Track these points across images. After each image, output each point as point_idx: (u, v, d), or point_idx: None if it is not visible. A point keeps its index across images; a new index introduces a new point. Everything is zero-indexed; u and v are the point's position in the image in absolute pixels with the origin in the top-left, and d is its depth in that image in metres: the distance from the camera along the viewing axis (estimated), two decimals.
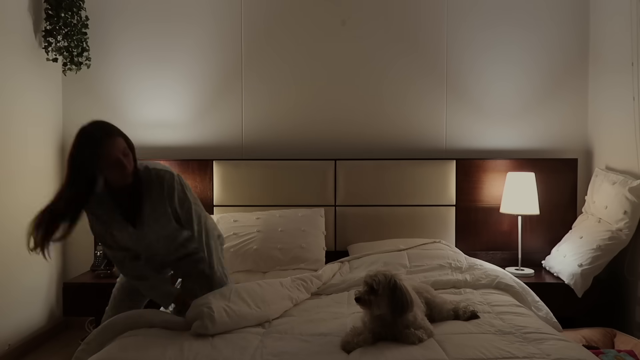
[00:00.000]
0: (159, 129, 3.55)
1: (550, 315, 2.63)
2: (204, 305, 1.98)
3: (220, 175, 3.39)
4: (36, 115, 3.27)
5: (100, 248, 3.33)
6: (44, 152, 3.36)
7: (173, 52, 3.53)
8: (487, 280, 2.64)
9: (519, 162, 3.40)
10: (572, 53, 3.50)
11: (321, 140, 3.52)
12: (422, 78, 3.52)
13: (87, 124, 2.00)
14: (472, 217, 3.41)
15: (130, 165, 1.99)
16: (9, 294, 3.00)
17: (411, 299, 1.88)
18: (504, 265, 3.27)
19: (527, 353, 1.78)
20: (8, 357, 2.94)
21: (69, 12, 3.24)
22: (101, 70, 3.53)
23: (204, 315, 1.94)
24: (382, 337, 1.88)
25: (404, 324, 1.88)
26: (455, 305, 2.18)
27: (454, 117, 3.52)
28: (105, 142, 1.92)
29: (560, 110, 3.51)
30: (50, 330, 3.34)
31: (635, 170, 2.97)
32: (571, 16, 3.49)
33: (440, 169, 3.38)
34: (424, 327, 1.92)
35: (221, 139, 3.54)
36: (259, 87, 3.54)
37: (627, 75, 3.02)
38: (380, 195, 3.38)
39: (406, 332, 1.86)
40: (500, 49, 3.50)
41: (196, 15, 3.52)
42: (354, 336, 1.86)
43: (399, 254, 2.95)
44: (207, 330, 1.92)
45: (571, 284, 2.95)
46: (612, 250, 2.90)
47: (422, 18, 3.51)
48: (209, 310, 1.95)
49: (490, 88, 3.51)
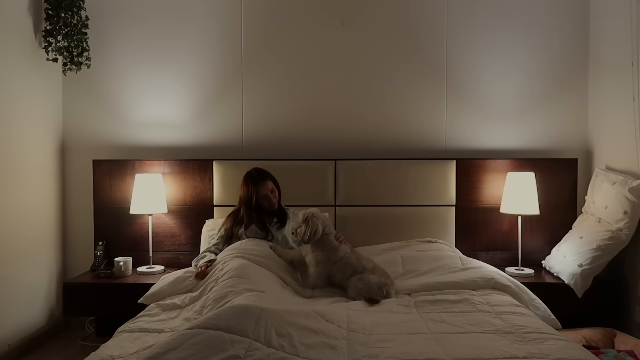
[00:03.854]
0: (159, 129, 3.55)
1: (548, 313, 2.63)
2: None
3: (220, 175, 3.39)
4: (36, 115, 3.27)
5: (100, 248, 3.33)
6: (44, 151, 3.36)
7: (173, 52, 3.53)
8: (483, 281, 2.64)
9: (519, 162, 3.40)
10: (572, 53, 3.50)
11: (321, 140, 3.53)
12: (422, 78, 3.52)
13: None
14: (472, 217, 3.41)
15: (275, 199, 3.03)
16: (10, 292, 3.00)
17: (315, 230, 2.61)
18: (504, 265, 3.28)
19: (526, 353, 1.78)
20: (8, 357, 2.94)
21: (69, 12, 3.24)
22: (101, 70, 3.53)
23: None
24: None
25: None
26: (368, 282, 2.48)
27: (454, 117, 3.52)
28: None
29: (560, 110, 3.52)
30: (50, 330, 3.34)
31: (635, 170, 2.97)
32: (571, 16, 3.49)
33: (440, 169, 3.38)
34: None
35: (221, 139, 3.55)
36: (259, 87, 3.54)
37: (627, 75, 3.02)
38: (380, 195, 3.38)
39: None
40: (500, 50, 3.50)
41: (196, 15, 3.53)
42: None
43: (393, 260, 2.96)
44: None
45: (571, 284, 2.95)
46: (612, 250, 2.90)
47: (422, 19, 3.51)
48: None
49: (490, 88, 3.51)
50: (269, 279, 2.52)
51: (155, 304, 2.50)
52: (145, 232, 3.36)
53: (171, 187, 3.41)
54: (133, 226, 3.41)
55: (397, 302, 2.40)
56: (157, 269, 3.26)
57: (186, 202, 3.42)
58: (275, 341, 1.78)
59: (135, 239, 3.42)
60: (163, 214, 3.39)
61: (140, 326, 2.21)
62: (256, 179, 2.96)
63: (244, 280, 2.38)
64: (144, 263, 3.35)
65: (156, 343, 1.85)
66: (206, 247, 3.02)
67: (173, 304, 2.47)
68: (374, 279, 2.51)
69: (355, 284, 2.52)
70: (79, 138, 3.57)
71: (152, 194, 3.25)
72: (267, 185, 2.97)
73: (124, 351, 1.94)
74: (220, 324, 1.79)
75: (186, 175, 3.42)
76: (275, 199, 3.00)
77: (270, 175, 3.03)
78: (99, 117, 3.56)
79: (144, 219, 3.37)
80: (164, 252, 3.42)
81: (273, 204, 2.99)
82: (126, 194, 3.38)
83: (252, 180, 2.96)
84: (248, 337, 1.76)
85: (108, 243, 3.39)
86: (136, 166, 3.41)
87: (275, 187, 3.03)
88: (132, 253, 3.36)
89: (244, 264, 2.55)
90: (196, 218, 3.39)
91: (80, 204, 3.56)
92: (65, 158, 3.58)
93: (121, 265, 3.18)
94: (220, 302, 2.23)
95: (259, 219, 2.97)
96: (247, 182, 2.98)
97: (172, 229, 3.42)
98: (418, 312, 2.28)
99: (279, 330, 1.85)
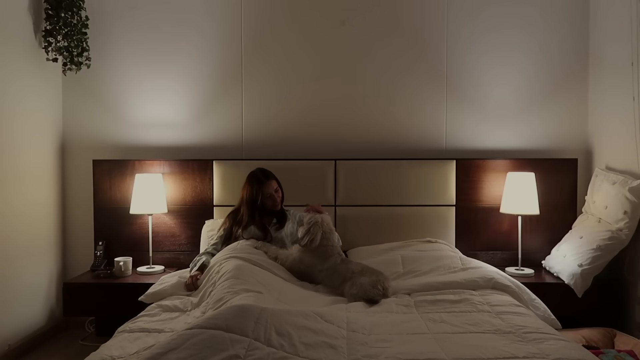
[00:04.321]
0: (159, 129, 3.55)
1: (548, 313, 2.63)
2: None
3: (220, 175, 3.39)
4: (36, 115, 3.27)
5: (100, 248, 3.33)
6: (45, 151, 3.36)
7: (173, 53, 3.53)
8: (483, 281, 2.63)
9: (519, 162, 3.40)
10: (572, 53, 3.50)
11: (321, 140, 3.53)
12: (423, 79, 3.52)
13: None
14: (472, 217, 3.41)
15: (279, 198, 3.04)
16: (11, 291, 3.00)
17: (313, 238, 2.66)
18: (504, 265, 3.28)
19: (526, 353, 1.78)
20: (8, 357, 2.94)
21: (69, 12, 3.24)
22: (101, 70, 3.53)
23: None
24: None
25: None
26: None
27: (454, 117, 3.52)
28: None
29: (560, 110, 3.52)
30: (50, 330, 3.34)
31: (635, 170, 2.97)
32: (571, 17, 3.49)
33: (440, 169, 3.38)
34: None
35: (221, 139, 3.55)
36: (258, 87, 3.54)
37: (627, 75, 3.02)
38: (380, 195, 3.38)
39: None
40: (500, 51, 3.50)
41: (196, 16, 3.53)
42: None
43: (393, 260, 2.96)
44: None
45: (571, 284, 2.95)
46: (612, 250, 2.90)
47: (423, 20, 3.52)
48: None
49: (491, 89, 3.51)
50: (265, 278, 2.51)
51: (156, 304, 2.50)
52: (145, 232, 3.36)
53: (171, 187, 3.41)
54: (133, 226, 3.41)
55: (397, 302, 2.40)
56: (157, 269, 3.26)
57: (186, 202, 3.42)
58: (275, 341, 1.78)
59: (135, 239, 3.42)
60: (163, 214, 3.39)
61: (140, 326, 2.21)
62: (261, 179, 2.97)
63: (241, 281, 2.37)
64: (144, 263, 3.35)
65: (156, 343, 1.85)
66: (204, 249, 3.02)
67: (174, 306, 2.46)
68: (365, 280, 2.48)
69: (349, 292, 2.49)
70: (79, 138, 3.57)
71: (152, 194, 3.25)
72: (271, 184, 2.98)
73: (124, 351, 1.93)
74: (220, 323, 1.79)
75: (186, 175, 3.42)
76: (279, 198, 3.02)
77: (274, 175, 3.05)
78: (99, 117, 3.56)
79: (144, 219, 3.37)
80: (164, 252, 3.42)
81: (277, 203, 3.01)
82: (126, 194, 3.38)
83: (257, 180, 2.97)
84: (248, 336, 1.76)
85: (108, 243, 3.39)
86: (136, 166, 3.41)
87: (279, 187, 3.04)
88: (132, 253, 3.36)
89: (239, 264, 2.54)
90: (196, 218, 3.39)
91: (80, 203, 3.56)
92: (66, 158, 3.58)
93: (121, 265, 3.18)
94: (219, 304, 2.23)
95: (260, 220, 2.97)
96: (251, 182, 2.99)
97: (172, 229, 3.42)
98: (418, 312, 2.28)
99: (279, 329, 1.84)
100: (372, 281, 2.47)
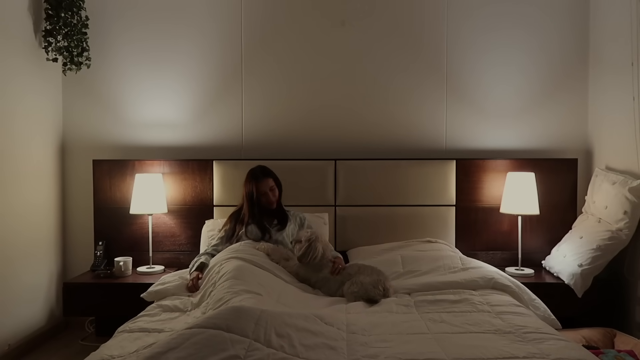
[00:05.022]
0: (159, 129, 3.55)
1: (548, 313, 2.63)
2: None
3: (220, 175, 3.39)
4: (36, 115, 3.27)
5: (100, 248, 3.33)
6: (45, 151, 3.36)
7: (173, 53, 3.53)
8: (483, 281, 2.63)
9: (519, 162, 3.40)
10: (572, 53, 3.50)
11: (321, 140, 3.53)
12: (423, 79, 3.52)
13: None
14: (472, 217, 3.41)
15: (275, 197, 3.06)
16: (11, 290, 3.00)
17: (315, 256, 2.66)
18: (504, 265, 3.28)
19: (526, 353, 1.78)
20: (8, 357, 2.94)
21: (69, 12, 3.24)
22: (101, 70, 3.53)
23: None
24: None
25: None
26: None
27: (454, 117, 3.52)
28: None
29: (559, 110, 3.52)
30: (50, 330, 3.34)
31: (635, 170, 2.97)
32: (571, 17, 3.49)
33: (440, 169, 3.38)
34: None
35: (221, 139, 3.55)
36: (258, 87, 3.54)
37: (627, 75, 3.02)
38: (380, 195, 3.38)
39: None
40: (500, 51, 3.50)
41: (196, 15, 3.53)
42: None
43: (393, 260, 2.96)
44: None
45: (571, 284, 2.95)
46: (612, 250, 2.90)
47: (422, 20, 3.52)
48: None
49: (491, 89, 3.51)
50: (266, 279, 2.51)
51: (156, 304, 2.50)
52: (145, 232, 3.36)
53: (171, 187, 3.41)
54: (133, 226, 3.42)
55: (397, 302, 2.40)
56: (157, 269, 3.26)
57: (186, 202, 3.42)
58: (275, 342, 1.78)
59: (135, 239, 3.42)
60: (163, 214, 3.39)
61: (140, 326, 2.21)
62: (258, 176, 3.01)
63: (241, 282, 2.37)
64: (144, 263, 3.35)
65: (156, 342, 1.85)
66: (204, 250, 3.01)
67: (174, 306, 2.46)
68: (366, 279, 2.48)
69: (350, 290, 2.48)
70: (79, 138, 3.57)
71: (152, 194, 3.25)
72: (267, 182, 3.00)
73: (124, 351, 1.93)
74: (220, 323, 1.79)
75: (186, 175, 3.42)
76: (274, 197, 3.03)
77: (273, 174, 3.06)
78: (99, 117, 3.56)
79: (144, 219, 3.37)
80: (164, 252, 3.42)
81: (271, 202, 3.02)
82: (126, 194, 3.38)
83: (254, 177, 3.01)
84: (248, 337, 1.76)
85: (108, 243, 3.39)
86: (136, 166, 3.41)
87: (275, 185, 3.04)
88: (132, 253, 3.36)
89: (240, 265, 2.54)
90: (196, 218, 3.39)
91: (80, 203, 3.56)
92: (66, 158, 3.58)
93: (121, 265, 3.18)
94: (219, 304, 2.23)
95: (259, 218, 2.97)
96: (249, 178, 3.03)
97: (172, 229, 3.43)
98: (418, 312, 2.28)
99: (279, 331, 1.84)
100: (373, 281, 2.47)
